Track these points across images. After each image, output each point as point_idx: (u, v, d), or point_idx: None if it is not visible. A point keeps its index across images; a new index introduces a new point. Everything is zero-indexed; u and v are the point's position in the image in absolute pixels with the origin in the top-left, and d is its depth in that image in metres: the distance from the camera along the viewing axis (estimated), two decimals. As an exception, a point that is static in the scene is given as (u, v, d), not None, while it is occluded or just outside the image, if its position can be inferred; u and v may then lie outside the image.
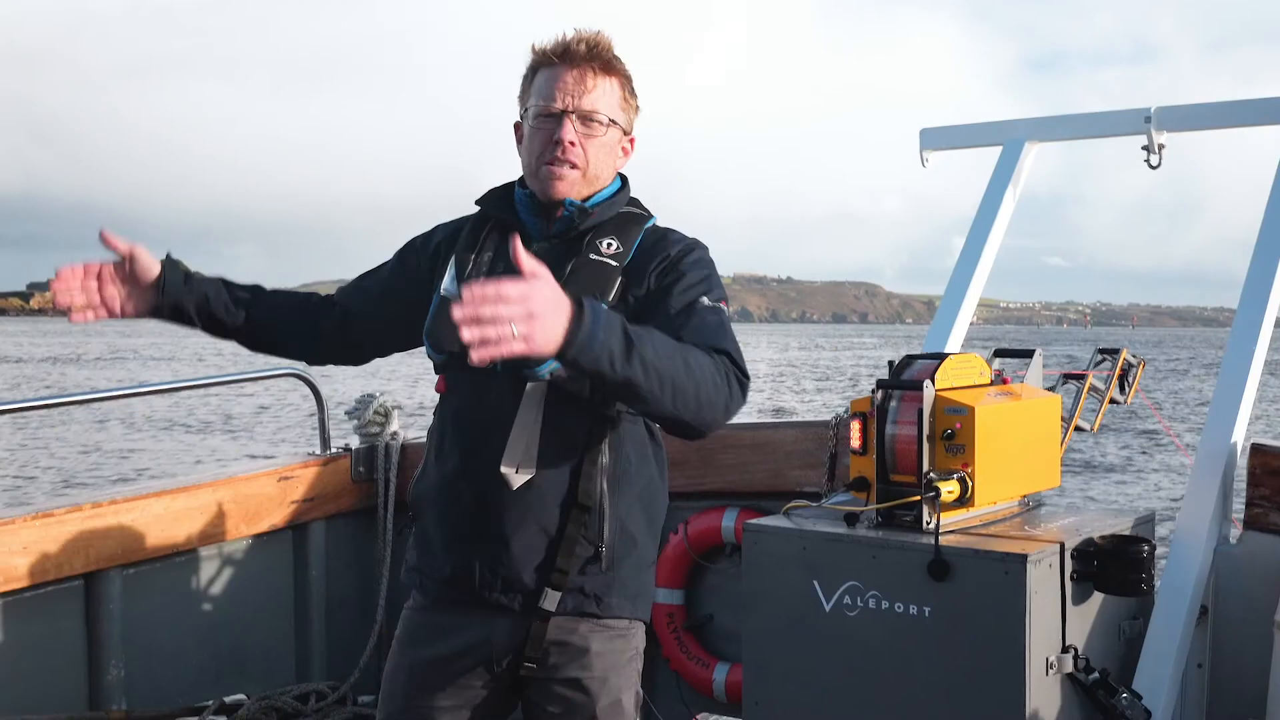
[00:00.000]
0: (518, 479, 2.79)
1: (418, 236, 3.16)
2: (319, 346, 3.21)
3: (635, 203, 3.00)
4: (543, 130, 2.85)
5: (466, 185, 3.06)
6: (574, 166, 2.84)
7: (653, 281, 2.84)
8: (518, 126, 2.96)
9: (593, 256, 2.85)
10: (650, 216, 2.99)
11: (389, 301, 3.11)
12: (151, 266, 2.88)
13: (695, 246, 2.92)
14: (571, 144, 2.83)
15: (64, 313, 2.80)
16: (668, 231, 2.98)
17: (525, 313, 2.20)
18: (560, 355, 2.30)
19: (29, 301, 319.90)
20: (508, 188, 3.02)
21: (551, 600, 2.84)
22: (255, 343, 3.14)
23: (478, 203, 3.02)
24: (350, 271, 3.27)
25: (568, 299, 2.31)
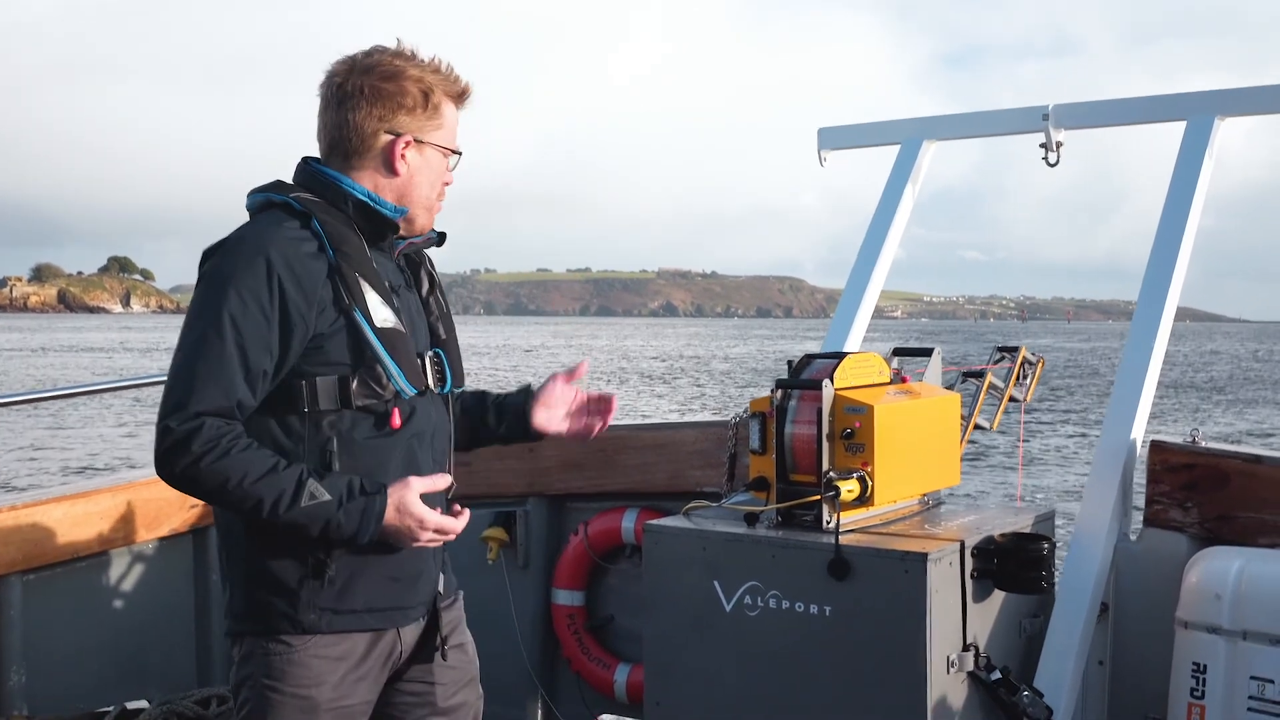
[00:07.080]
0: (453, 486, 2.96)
1: (268, 290, 2.64)
2: None
3: None
4: (445, 167, 2.95)
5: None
6: None
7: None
8: (408, 143, 2.82)
9: (434, 271, 3.09)
10: None
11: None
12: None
13: None
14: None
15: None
16: None
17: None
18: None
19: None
20: (340, 197, 2.80)
21: (446, 585, 3.05)
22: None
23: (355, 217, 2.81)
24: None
25: None
